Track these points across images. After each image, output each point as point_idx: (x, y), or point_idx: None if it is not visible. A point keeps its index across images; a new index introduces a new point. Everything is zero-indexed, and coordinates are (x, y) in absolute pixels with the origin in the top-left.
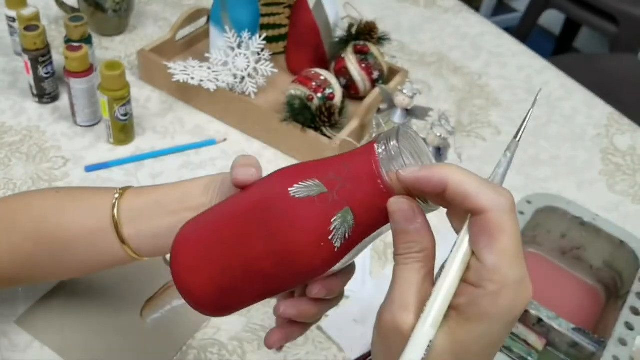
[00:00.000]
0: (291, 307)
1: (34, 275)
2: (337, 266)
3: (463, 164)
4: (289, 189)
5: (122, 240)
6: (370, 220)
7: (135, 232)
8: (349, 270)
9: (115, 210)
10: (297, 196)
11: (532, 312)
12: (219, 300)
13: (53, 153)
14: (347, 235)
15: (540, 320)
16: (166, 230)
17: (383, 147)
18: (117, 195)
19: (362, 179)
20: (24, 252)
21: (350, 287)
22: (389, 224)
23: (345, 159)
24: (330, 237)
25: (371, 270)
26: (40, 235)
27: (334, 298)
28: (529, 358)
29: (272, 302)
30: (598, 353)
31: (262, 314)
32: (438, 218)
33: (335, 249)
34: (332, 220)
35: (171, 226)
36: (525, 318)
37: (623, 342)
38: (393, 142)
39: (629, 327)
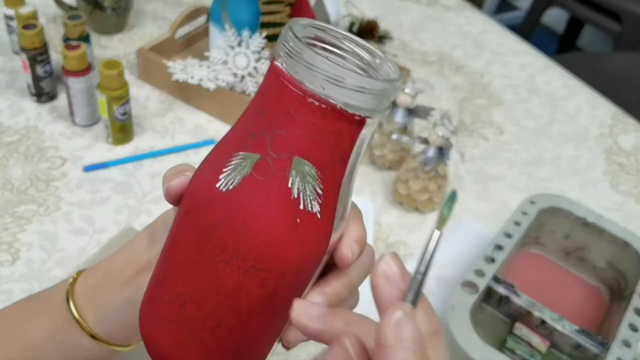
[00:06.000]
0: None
1: None
2: (335, 234)
3: (465, 164)
4: (217, 185)
5: (87, 331)
6: (334, 152)
7: (95, 317)
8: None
9: (71, 299)
10: (230, 188)
11: (536, 313)
12: None
13: (51, 153)
14: (318, 190)
15: (543, 321)
16: (126, 304)
17: (287, 55)
18: (70, 281)
19: (287, 111)
20: None
21: None
22: (360, 143)
23: (257, 104)
24: (301, 207)
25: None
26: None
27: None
28: None
29: None
30: (602, 355)
31: None
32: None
33: (318, 214)
34: (289, 186)
35: (132, 299)
36: (528, 319)
37: (627, 344)
38: (291, 43)
39: (633, 328)
